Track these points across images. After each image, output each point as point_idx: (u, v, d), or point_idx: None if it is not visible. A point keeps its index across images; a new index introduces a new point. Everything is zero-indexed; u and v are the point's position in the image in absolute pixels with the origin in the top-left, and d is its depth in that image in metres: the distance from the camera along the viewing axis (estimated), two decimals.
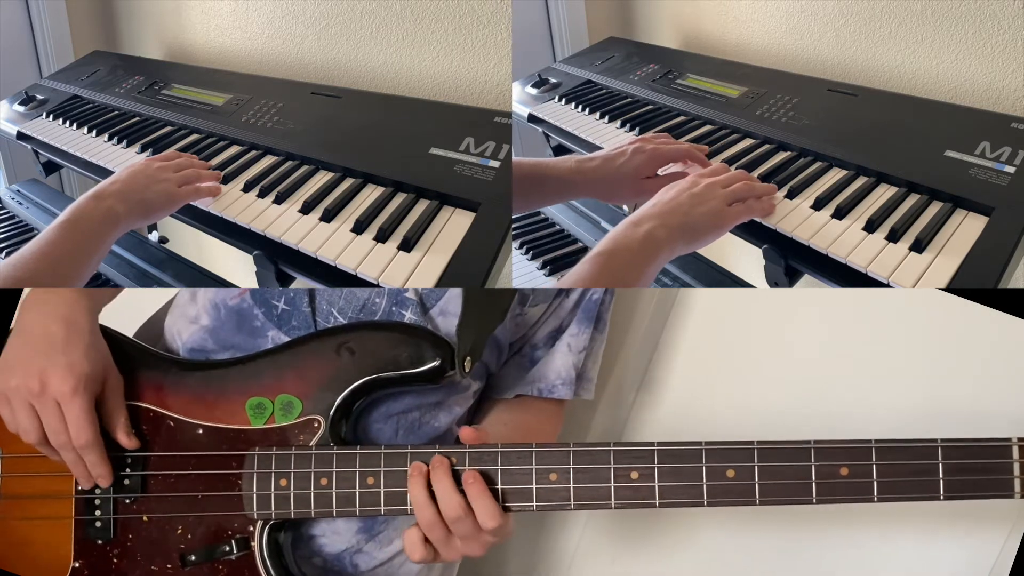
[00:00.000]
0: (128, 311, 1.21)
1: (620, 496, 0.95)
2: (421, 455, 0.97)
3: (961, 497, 0.92)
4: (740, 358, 1.33)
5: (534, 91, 1.66)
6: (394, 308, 1.05)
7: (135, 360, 1.05)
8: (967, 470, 0.92)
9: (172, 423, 1.02)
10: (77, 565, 1.02)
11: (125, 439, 1.00)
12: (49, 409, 0.96)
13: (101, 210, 1.08)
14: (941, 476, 0.92)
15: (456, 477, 0.95)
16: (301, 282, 1.18)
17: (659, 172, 1.20)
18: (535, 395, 1.14)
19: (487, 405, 1.16)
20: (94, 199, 1.09)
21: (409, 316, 1.05)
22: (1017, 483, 0.92)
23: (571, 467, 0.95)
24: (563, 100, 1.61)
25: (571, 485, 0.95)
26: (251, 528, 1.00)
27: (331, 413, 1.00)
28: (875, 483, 0.93)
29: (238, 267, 1.37)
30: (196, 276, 1.41)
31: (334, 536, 1.07)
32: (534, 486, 0.95)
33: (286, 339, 1.05)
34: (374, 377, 1.00)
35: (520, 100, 1.63)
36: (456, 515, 0.93)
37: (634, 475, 0.95)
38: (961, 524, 1.23)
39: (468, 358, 1.01)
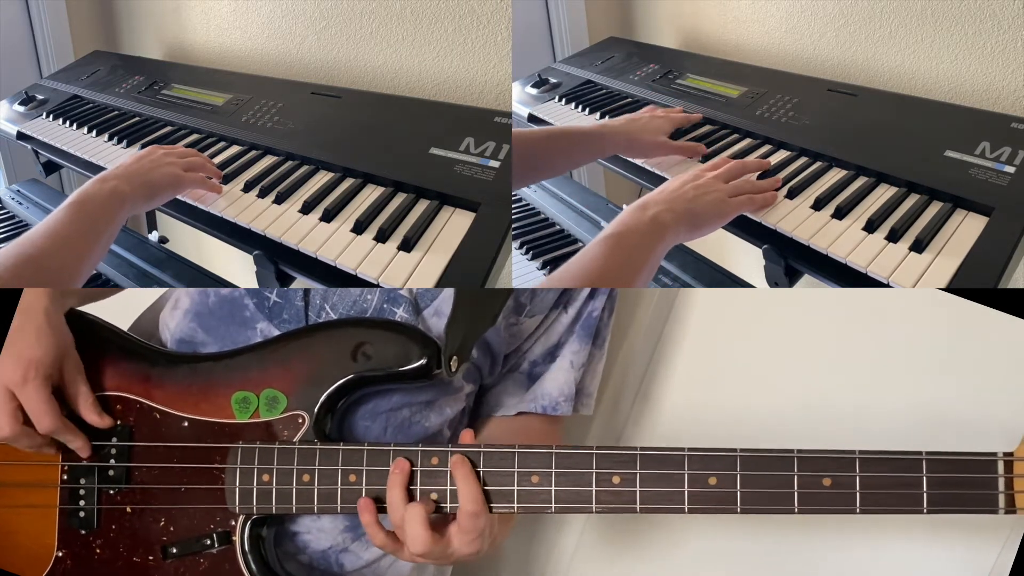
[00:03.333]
0: (126, 309, 1.22)
1: (601, 500, 0.94)
2: (404, 453, 0.97)
3: (944, 511, 0.91)
4: (740, 358, 1.33)
5: (534, 91, 1.66)
6: (386, 305, 1.05)
7: (123, 351, 1.05)
8: (951, 484, 0.91)
9: (158, 415, 1.03)
10: (60, 555, 1.03)
11: (96, 418, 1.00)
12: (3, 400, 0.95)
13: (106, 191, 1.08)
14: (925, 489, 0.91)
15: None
16: (301, 282, 1.18)
17: None
18: (539, 412, 1.14)
19: (487, 422, 1.16)
20: (99, 181, 1.09)
21: (400, 314, 1.05)
22: (1001, 498, 0.90)
23: (553, 470, 0.95)
24: (563, 100, 1.61)
25: (552, 488, 0.94)
26: (233, 522, 1.00)
27: (315, 409, 1.00)
28: (858, 494, 0.92)
29: (238, 267, 1.37)
30: (196, 276, 1.41)
31: (319, 533, 1.07)
32: (515, 488, 0.95)
33: (276, 332, 1.05)
34: (360, 374, 1.00)
35: (520, 100, 1.63)
36: (416, 537, 0.93)
37: (616, 480, 0.94)
38: (957, 531, 1.22)
39: (455, 358, 1.01)
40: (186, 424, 1.02)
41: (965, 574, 1.22)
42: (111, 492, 1.02)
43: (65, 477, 1.03)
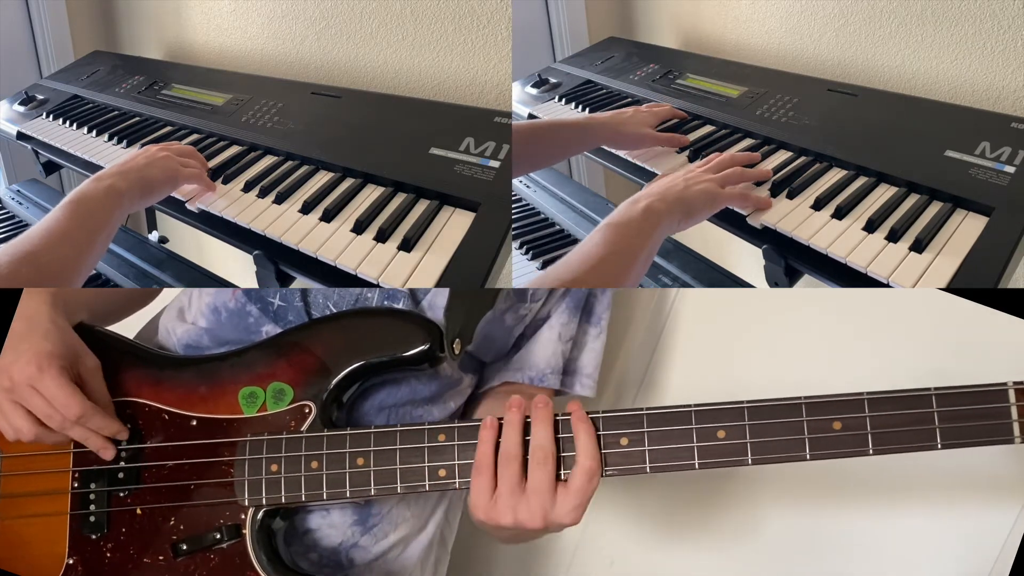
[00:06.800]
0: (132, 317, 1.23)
1: (611, 463, 0.94)
2: (409, 435, 0.97)
3: (959, 445, 0.90)
4: (740, 358, 1.33)
5: (534, 91, 1.66)
6: (386, 302, 1.07)
7: (130, 357, 1.06)
8: (963, 417, 0.90)
9: (167, 416, 1.03)
10: (71, 562, 1.03)
11: (116, 426, 1.01)
12: (28, 397, 0.96)
13: (102, 189, 1.07)
14: (937, 424, 0.90)
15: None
16: (301, 282, 1.18)
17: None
18: (525, 383, 1.14)
19: (479, 400, 1.16)
20: (95, 180, 1.09)
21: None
22: (1016, 427, 0.89)
23: (559, 436, 0.95)
24: (563, 100, 1.61)
25: (561, 454, 0.94)
26: (243, 515, 1.00)
27: (322, 398, 1.01)
28: (869, 435, 0.91)
29: (238, 267, 1.37)
30: (196, 276, 1.41)
31: (330, 530, 1.07)
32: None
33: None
34: (365, 362, 1.01)
35: (520, 100, 1.63)
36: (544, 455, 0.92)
37: (624, 441, 0.94)
38: (968, 505, 1.23)
39: (458, 340, 1.02)
40: (194, 423, 1.03)
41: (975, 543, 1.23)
42: (121, 495, 1.03)
43: (76, 484, 1.03)
